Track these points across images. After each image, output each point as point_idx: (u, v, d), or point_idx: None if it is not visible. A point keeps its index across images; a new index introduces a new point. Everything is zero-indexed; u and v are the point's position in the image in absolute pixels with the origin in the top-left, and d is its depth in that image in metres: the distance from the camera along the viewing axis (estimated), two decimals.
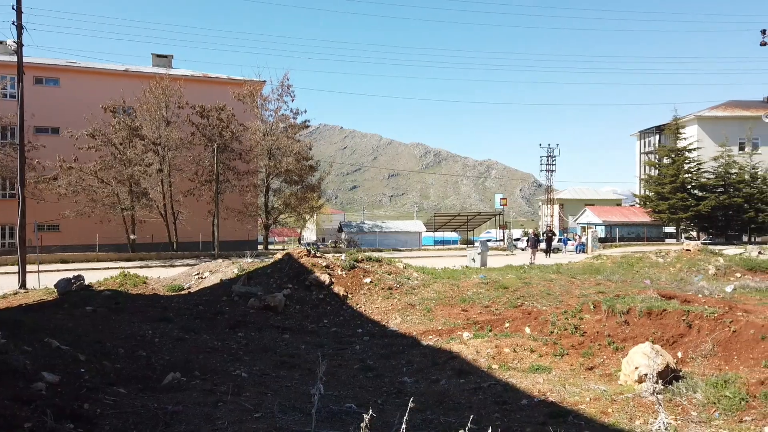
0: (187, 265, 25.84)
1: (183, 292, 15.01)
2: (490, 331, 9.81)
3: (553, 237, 39.92)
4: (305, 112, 41.89)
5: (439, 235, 55.58)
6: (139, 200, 34.82)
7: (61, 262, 29.29)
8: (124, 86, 37.01)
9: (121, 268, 20.93)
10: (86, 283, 14.90)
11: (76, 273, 15.88)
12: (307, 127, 42.91)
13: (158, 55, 46.79)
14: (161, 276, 18.37)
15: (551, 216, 63.51)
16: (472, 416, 4.35)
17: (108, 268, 25.09)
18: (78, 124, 34.59)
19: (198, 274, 16.84)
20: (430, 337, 10.29)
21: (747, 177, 50.74)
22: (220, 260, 19.93)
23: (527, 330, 9.42)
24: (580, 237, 46.46)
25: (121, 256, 32.22)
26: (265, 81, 42.42)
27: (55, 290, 14.36)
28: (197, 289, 15.18)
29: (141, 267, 26.64)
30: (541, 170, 61.27)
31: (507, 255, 37.77)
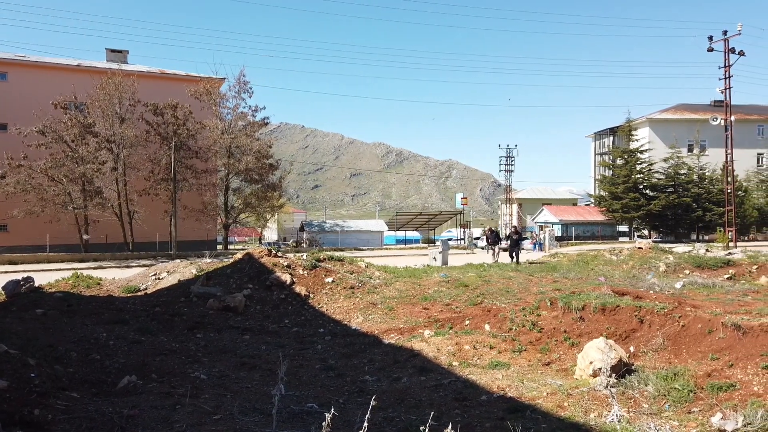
0: (144, 265, 25.18)
1: (139, 294, 14.64)
2: (451, 328, 9.93)
3: (521, 238, 27.41)
4: (264, 108, 41.47)
5: (400, 234, 55.88)
6: (92, 199, 33.74)
7: (9, 264, 28.13)
8: (76, 82, 35.76)
9: (74, 269, 20.23)
10: (36, 284, 14.35)
11: (25, 275, 15.28)
12: (267, 124, 42.43)
13: (113, 50, 45.48)
14: (116, 277, 17.87)
15: (510, 215, 64.65)
16: (432, 413, 4.40)
17: (60, 270, 24.24)
18: (27, 121, 33.25)
19: (155, 274, 16.45)
20: (392, 335, 10.34)
21: (695, 177, 52.89)
22: (178, 260, 19.53)
23: (487, 327, 9.57)
24: (537, 235, 47.43)
25: (74, 257, 31.14)
26: (224, 78, 41.77)
27: (3, 292, 13.77)
28: (154, 290, 14.83)
29: (95, 268, 25.82)
30: (500, 170, 62.35)
31: (468, 254, 38.24)
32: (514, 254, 23.47)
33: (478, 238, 52.48)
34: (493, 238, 26.22)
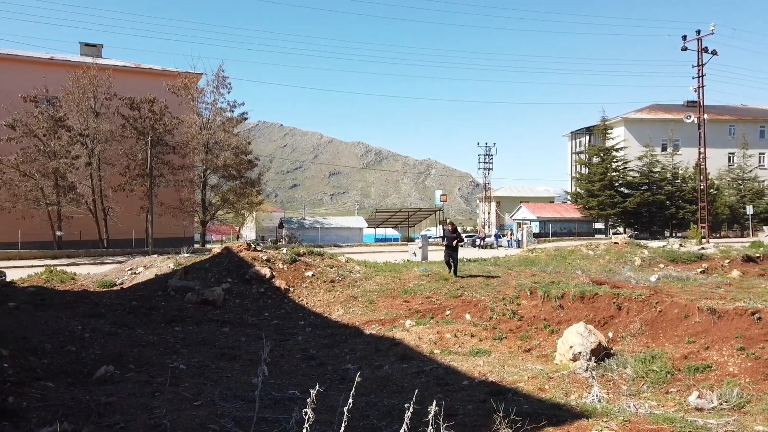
0: (119, 262, 24.73)
1: (115, 288, 14.41)
2: (432, 318, 9.97)
3: (460, 239, 16.59)
4: (243, 104, 41.04)
5: (380, 232, 55.87)
6: (65, 195, 33.01)
7: None
8: (49, 75, 34.94)
9: (47, 265, 19.79)
10: (8, 279, 14.03)
11: None
12: (245, 119, 42.01)
13: (87, 44, 44.59)
14: (91, 272, 17.56)
15: (488, 213, 65.16)
16: (416, 393, 4.39)
17: (32, 266, 23.65)
18: None
19: (131, 269, 16.20)
20: (373, 326, 10.33)
21: (669, 176, 53.97)
22: (154, 255, 19.25)
23: (467, 316, 9.62)
24: (512, 233, 47.85)
25: (47, 253, 30.46)
26: (202, 73, 41.24)
27: None
28: (131, 284, 14.60)
29: (68, 264, 25.23)
30: (479, 168, 62.86)
31: None
32: (450, 261, 15.40)
33: None
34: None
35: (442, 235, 14.52)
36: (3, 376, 5.99)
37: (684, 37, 38.69)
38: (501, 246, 43.81)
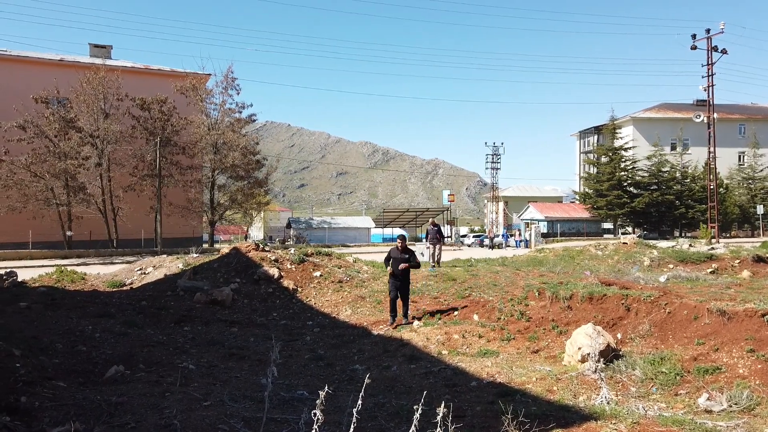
0: (128, 262, 24.90)
1: (125, 288, 14.51)
2: (440, 319, 9.96)
3: (410, 258, 10.62)
4: (251, 105, 41.16)
5: (388, 232, 55.90)
6: (75, 195, 33.27)
7: None
8: (58, 77, 35.22)
9: (57, 265, 19.95)
10: (19, 279, 14.16)
11: (7, 270, 15.07)
12: (254, 121, 42.16)
13: (96, 45, 44.91)
14: (101, 272, 17.68)
15: (496, 213, 65.01)
16: (424, 394, 4.41)
17: (43, 266, 23.86)
18: (8, 115, 32.69)
19: (140, 269, 16.31)
20: (381, 327, 10.34)
21: (678, 175, 53.66)
22: (163, 256, 19.36)
23: (475, 317, 9.62)
24: (520, 232, 47.75)
25: (57, 253, 30.72)
26: (210, 74, 41.42)
27: None
28: (140, 284, 14.70)
29: (78, 264, 25.45)
30: (486, 168, 62.71)
31: (454, 250, 38.42)
32: (397, 298, 10.56)
33: (464, 236, 52.97)
34: (434, 233, 19.03)
35: (387, 255, 10.92)
36: (15, 375, 6.06)
37: (693, 36, 38.43)
38: (509, 246, 43.78)
